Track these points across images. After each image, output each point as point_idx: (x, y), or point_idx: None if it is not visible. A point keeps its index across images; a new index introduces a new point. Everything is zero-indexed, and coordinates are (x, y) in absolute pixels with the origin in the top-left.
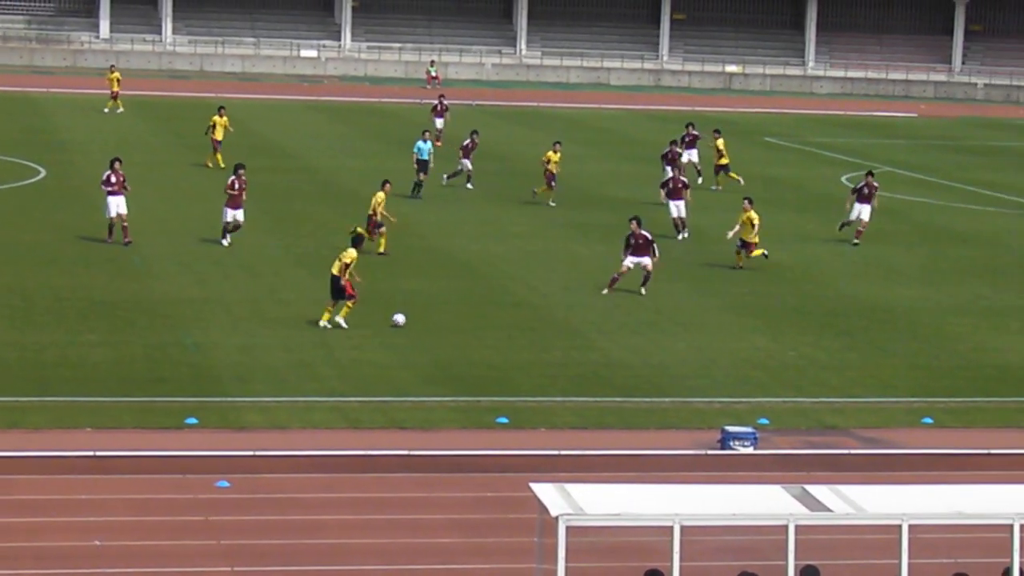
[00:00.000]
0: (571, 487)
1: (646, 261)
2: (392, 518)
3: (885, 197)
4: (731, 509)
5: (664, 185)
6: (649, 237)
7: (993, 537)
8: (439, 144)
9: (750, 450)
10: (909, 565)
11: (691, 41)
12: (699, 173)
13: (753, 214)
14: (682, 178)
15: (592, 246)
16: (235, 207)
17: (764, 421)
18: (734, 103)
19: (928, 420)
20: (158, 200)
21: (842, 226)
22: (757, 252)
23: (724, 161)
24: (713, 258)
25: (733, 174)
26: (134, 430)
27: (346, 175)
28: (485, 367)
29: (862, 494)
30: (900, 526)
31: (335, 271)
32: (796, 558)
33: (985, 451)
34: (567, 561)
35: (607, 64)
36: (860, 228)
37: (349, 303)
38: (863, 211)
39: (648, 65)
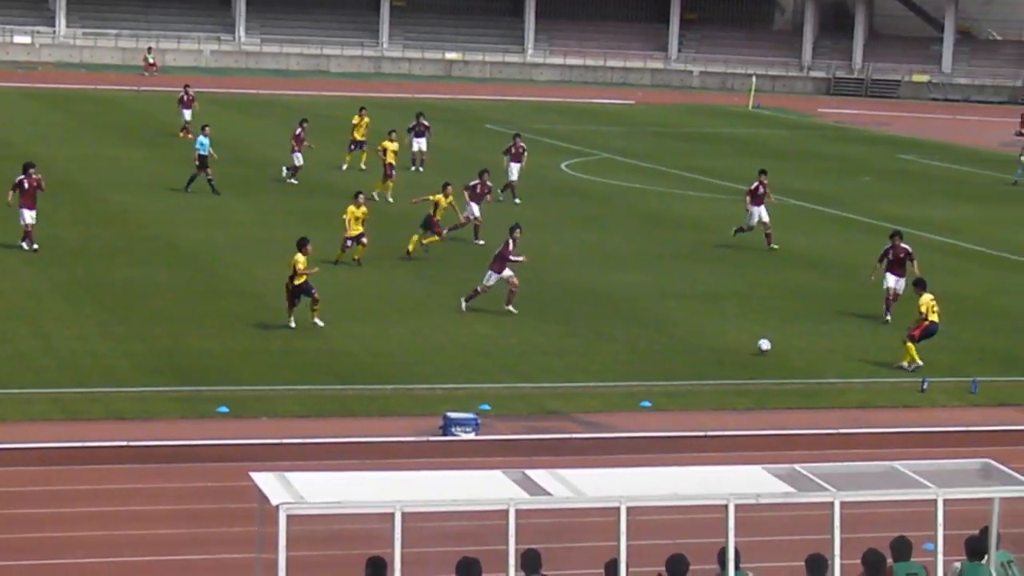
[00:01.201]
0: (291, 475)
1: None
2: (113, 510)
3: (601, 184)
4: (452, 495)
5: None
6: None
7: (710, 518)
8: (189, 136)
9: (472, 436)
10: (628, 547)
11: (411, 28)
12: (422, 163)
13: (441, 197)
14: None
15: (314, 233)
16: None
17: (486, 407)
18: (454, 90)
19: (647, 404)
20: None
21: (737, 231)
22: (430, 239)
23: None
24: (439, 245)
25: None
26: None
27: (64, 164)
28: (206, 356)
29: (581, 478)
30: (619, 508)
31: (298, 281)
32: (517, 542)
33: (703, 433)
34: (288, 550)
35: (327, 51)
36: (767, 231)
37: (316, 307)
38: (761, 213)
39: (368, 52)
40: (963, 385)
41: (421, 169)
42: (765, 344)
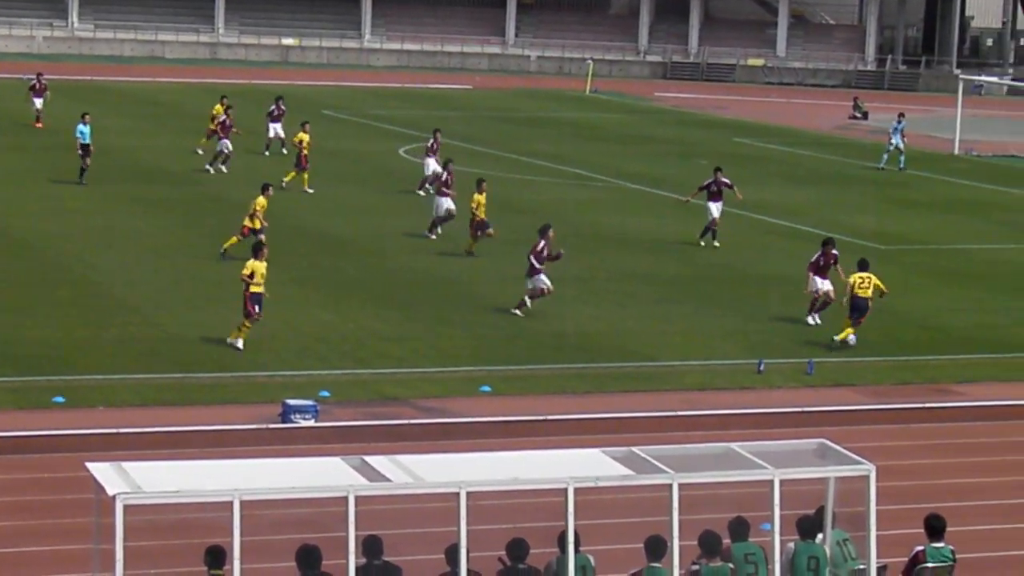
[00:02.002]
0: (128, 465)
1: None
2: None
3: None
4: (291, 482)
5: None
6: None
7: (549, 501)
8: (40, 126)
9: (311, 423)
10: (468, 532)
11: (247, 14)
12: (283, 144)
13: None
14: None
15: (151, 220)
16: None
17: (325, 394)
18: (291, 76)
19: (486, 388)
20: None
21: (704, 233)
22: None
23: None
24: (276, 233)
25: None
26: None
27: None
28: (41, 346)
29: (421, 463)
30: (459, 494)
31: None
32: (357, 529)
33: (542, 417)
34: (126, 540)
35: (162, 37)
36: (713, 228)
37: (248, 322)
38: (713, 209)
39: (204, 38)
40: (799, 366)
41: (284, 151)
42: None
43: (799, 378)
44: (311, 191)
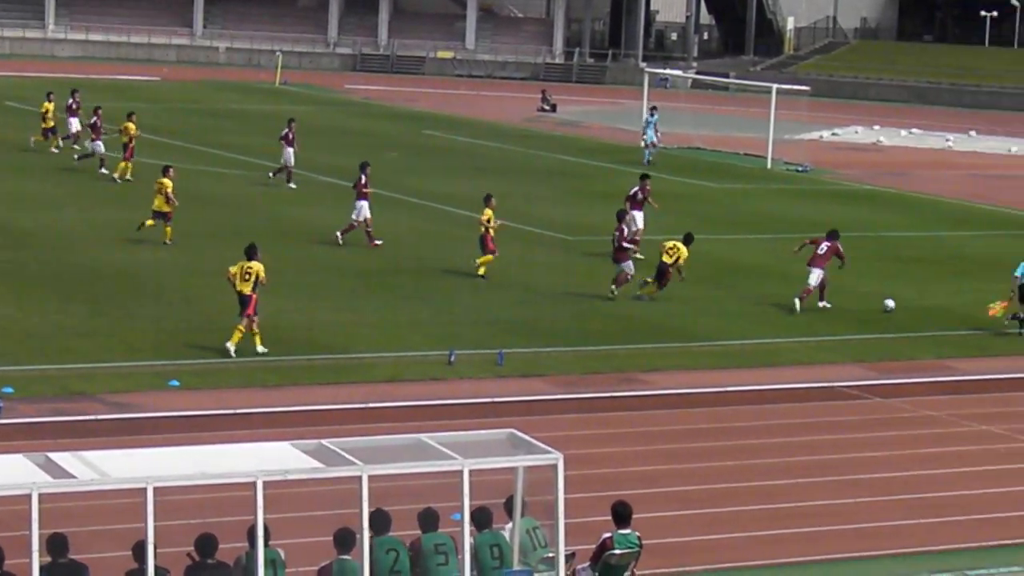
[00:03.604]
0: None
1: None
2: None
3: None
4: None
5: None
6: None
7: (239, 495)
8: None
9: None
10: (156, 528)
11: None
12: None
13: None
14: None
15: None
16: None
17: (9, 390)
18: None
19: (175, 383)
20: None
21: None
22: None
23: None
24: None
25: None
26: None
27: None
28: None
29: (107, 459)
30: (146, 489)
31: (246, 289)
32: (41, 527)
33: (232, 411)
34: None
35: None
36: (636, 237)
37: (242, 325)
38: (637, 218)
39: None
40: (489, 357)
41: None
42: (891, 304)
43: (489, 369)
44: (130, 179)
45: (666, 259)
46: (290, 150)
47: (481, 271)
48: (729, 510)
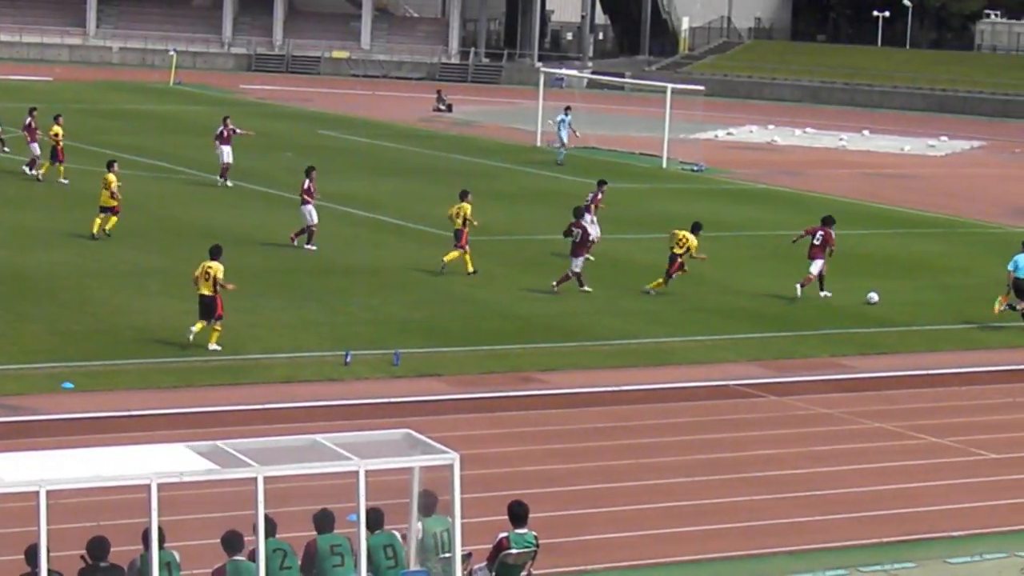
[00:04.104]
0: None
1: None
2: None
3: (20, 161)
4: None
5: None
6: None
7: (134, 498)
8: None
9: None
10: (49, 531)
11: None
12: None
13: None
14: None
15: None
16: None
17: None
18: None
19: (69, 385)
20: None
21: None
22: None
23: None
24: None
25: None
26: None
27: None
28: None
29: None
30: (38, 493)
31: (206, 291)
32: None
33: (127, 413)
34: None
35: None
36: (592, 240)
37: (218, 325)
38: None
39: None
40: (386, 357)
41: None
42: (874, 297)
43: (386, 369)
44: (66, 182)
45: (677, 250)
46: (226, 148)
47: (469, 268)
48: (626, 509)
